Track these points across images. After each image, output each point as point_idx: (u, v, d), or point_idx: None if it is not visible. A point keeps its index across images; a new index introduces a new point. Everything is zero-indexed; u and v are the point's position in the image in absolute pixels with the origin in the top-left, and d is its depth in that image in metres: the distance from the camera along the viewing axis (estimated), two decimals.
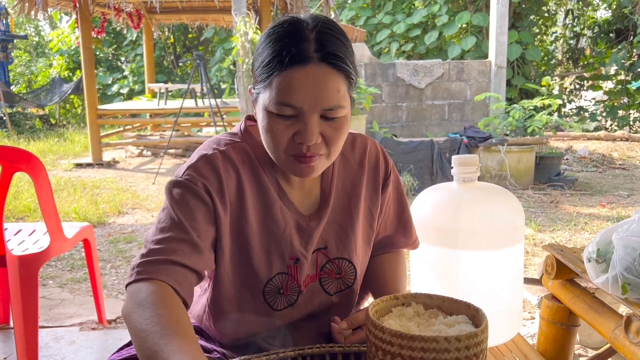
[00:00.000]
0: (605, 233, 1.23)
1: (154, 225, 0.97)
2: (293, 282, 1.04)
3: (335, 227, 1.08)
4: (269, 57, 0.90)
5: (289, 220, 1.03)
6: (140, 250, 0.94)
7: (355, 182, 1.10)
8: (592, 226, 4.12)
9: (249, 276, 1.02)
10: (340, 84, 0.91)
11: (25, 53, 15.11)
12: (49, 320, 2.53)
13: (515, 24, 9.14)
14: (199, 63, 6.15)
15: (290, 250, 1.03)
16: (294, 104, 0.89)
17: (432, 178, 5.44)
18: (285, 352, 0.97)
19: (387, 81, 6.72)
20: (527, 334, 2.30)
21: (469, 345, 0.80)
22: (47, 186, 2.03)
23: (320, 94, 0.89)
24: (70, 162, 7.28)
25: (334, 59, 0.90)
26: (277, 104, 0.90)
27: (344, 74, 0.92)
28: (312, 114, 0.90)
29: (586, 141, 8.12)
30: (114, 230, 4.22)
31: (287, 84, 0.89)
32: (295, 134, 0.92)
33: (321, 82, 0.89)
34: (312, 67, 0.88)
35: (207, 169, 0.98)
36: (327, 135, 0.93)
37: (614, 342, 1.23)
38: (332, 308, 1.10)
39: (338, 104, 0.91)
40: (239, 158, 1.01)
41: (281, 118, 0.91)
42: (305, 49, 0.89)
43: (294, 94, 0.89)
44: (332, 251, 1.08)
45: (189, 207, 0.95)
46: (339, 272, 1.09)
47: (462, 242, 1.46)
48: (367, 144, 1.13)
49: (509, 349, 1.54)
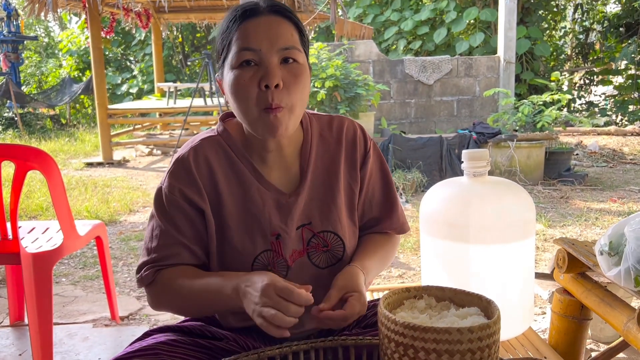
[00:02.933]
0: (618, 226, 1.23)
1: (148, 230, 1.11)
2: (279, 258, 1.10)
3: (318, 204, 1.12)
4: (226, 23, 1.04)
5: (268, 200, 1.10)
6: (142, 254, 1.11)
7: (334, 159, 1.15)
8: (603, 221, 4.10)
9: (237, 258, 1.09)
10: (292, 30, 1.03)
11: (36, 54, 15.22)
12: (63, 317, 2.56)
13: (524, 19, 9.09)
14: (208, 62, 6.18)
15: (271, 227, 1.09)
16: (253, 46, 1.00)
17: (441, 174, 5.43)
18: (298, 344, 0.98)
19: (396, 78, 6.71)
20: (538, 329, 2.29)
21: (481, 336, 0.80)
22: (60, 184, 2.05)
23: (274, 34, 1.01)
24: (81, 162, 7.33)
25: (283, 10, 1.04)
26: (238, 52, 1.00)
27: (294, 24, 1.04)
28: (271, 55, 1.00)
29: (596, 136, 8.06)
30: (125, 228, 4.25)
31: (244, 34, 1.00)
32: (259, 81, 1.00)
33: (274, 26, 1.01)
34: (265, 17, 1.01)
35: (181, 171, 1.09)
36: (286, 80, 1.01)
37: (627, 335, 1.23)
38: (325, 281, 1.09)
39: (293, 45, 1.02)
40: (211, 149, 1.10)
41: (245, 69, 1.00)
42: (256, 7, 1.02)
43: (250, 39, 1.00)
44: (317, 225, 1.12)
45: (171, 215, 1.08)
46: (325, 245, 1.12)
47: (472, 237, 1.46)
48: (344, 123, 1.19)
49: (521, 342, 1.54)
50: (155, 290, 1.08)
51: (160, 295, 1.08)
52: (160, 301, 1.09)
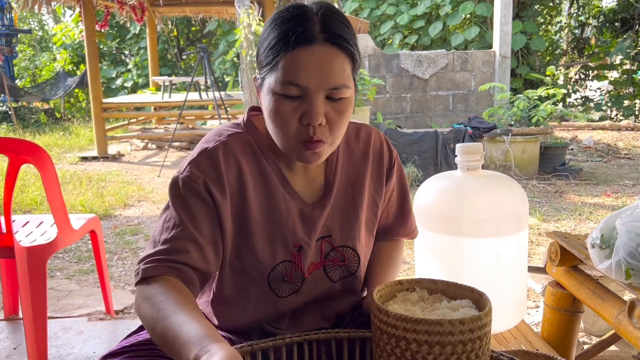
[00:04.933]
0: (609, 219, 1.23)
1: (159, 222, 0.99)
2: (297, 270, 1.06)
3: (340, 216, 1.09)
4: (274, 39, 0.92)
5: (292, 209, 1.04)
6: (147, 248, 0.97)
7: (359, 172, 1.11)
8: (597, 216, 4.12)
9: (253, 265, 1.04)
10: (345, 64, 0.93)
11: (29, 47, 15.14)
12: (57, 311, 2.56)
13: (520, 13, 9.08)
14: (203, 56, 6.15)
15: (294, 238, 1.04)
16: (300, 83, 0.90)
17: (436, 169, 5.44)
18: (291, 337, 0.98)
19: (391, 72, 6.70)
20: (531, 322, 2.31)
21: (472, 328, 0.81)
22: (54, 178, 2.05)
23: (325, 72, 0.91)
24: (75, 156, 7.31)
25: (339, 39, 0.92)
26: (283, 83, 0.91)
27: (349, 55, 0.93)
28: (317, 93, 0.91)
29: (591, 131, 8.09)
30: (120, 222, 4.24)
31: (293, 64, 0.90)
32: (301, 116, 0.93)
33: (327, 61, 0.91)
34: (318, 47, 0.90)
35: (208, 164, 0.99)
36: (330, 118, 0.94)
37: (618, 328, 1.24)
38: (336, 294, 1.11)
39: (343, 84, 0.93)
40: (240, 148, 1.02)
41: (287, 99, 0.92)
42: (311, 29, 0.90)
43: (300, 73, 0.90)
44: (337, 239, 1.09)
45: (190, 206, 0.97)
46: (342, 260, 1.10)
47: (466, 230, 1.47)
48: (372, 134, 1.14)
49: (513, 335, 1.55)
50: (145, 291, 0.91)
51: (146, 301, 0.89)
52: (140, 307, 0.90)
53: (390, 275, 1.17)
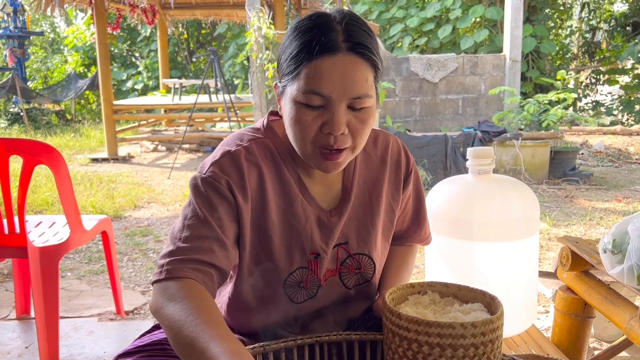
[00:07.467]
0: (621, 224, 1.23)
1: (180, 220, 0.98)
2: (313, 276, 1.06)
3: (356, 223, 1.09)
4: (297, 48, 0.92)
5: (310, 215, 1.04)
6: (168, 246, 0.96)
7: (377, 179, 1.11)
8: (608, 221, 4.09)
9: (270, 270, 1.04)
10: (368, 74, 0.93)
11: (41, 49, 15.27)
12: (68, 311, 2.58)
13: (530, 17, 9.06)
14: (213, 58, 6.18)
15: (311, 245, 1.04)
16: (323, 92, 0.90)
17: (445, 172, 5.42)
18: (303, 339, 0.99)
19: (401, 75, 6.70)
20: (542, 327, 2.30)
21: (484, 331, 0.81)
22: (67, 179, 2.07)
23: (348, 82, 0.90)
24: (86, 157, 7.36)
25: (362, 48, 0.91)
26: (305, 93, 0.91)
27: (371, 64, 0.93)
28: (340, 103, 0.91)
29: (602, 136, 8.04)
30: (130, 223, 4.27)
31: (316, 73, 0.90)
32: (322, 125, 0.93)
33: (350, 71, 0.90)
34: (341, 57, 0.90)
35: (230, 166, 0.99)
36: (352, 126, 0.94)
37: (630, 333, 1.23)
38: (350, 300, 1.12)
39: (366, 93, 0.92)
40: (261, 154, 1.02)
41: (309, 108, 0.92)
42: (334, 39, 0.90)
43: (323, 83, 0.90)
44: (353, 247, 1.09)
45: (214, 204, 0.96)
46: (358, 267, 1.10)
47: (476, 234, 1.47)
48: (390, 140, 1.14)
49: (524, 340, 1.55)
50: (172, 293, 0.88)
51: (171, 302, 0.87)
52: (163, 307, 0.88)
53: (402, 279, 1.17)
